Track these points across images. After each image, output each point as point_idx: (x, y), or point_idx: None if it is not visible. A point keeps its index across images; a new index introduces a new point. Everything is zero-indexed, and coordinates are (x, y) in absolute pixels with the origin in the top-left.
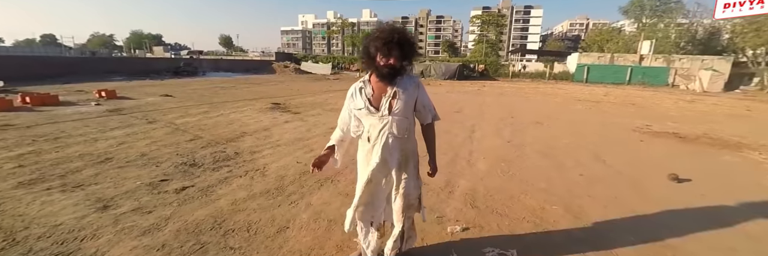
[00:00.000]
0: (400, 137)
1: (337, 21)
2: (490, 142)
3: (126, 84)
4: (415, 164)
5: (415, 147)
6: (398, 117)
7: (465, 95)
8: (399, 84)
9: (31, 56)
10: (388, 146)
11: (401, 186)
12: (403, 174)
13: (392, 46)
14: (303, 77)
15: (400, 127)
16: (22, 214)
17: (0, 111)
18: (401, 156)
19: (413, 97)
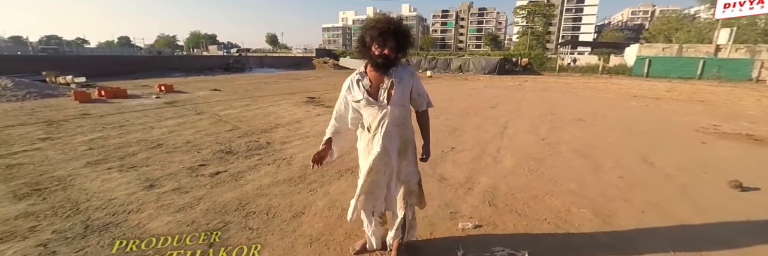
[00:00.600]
0: (398, 124)
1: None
2: (522, 139)
3: (183, 79)
4: (413, 151)
5: (413, 134)
6: (396, 106)
7: (504, 90)
8: (395, 74)
9: (108, 56)
10: (389, 134)
11: (401, 173)
12: (403, 161)
13: (387, 36)
14: (340, 72)
15: (398, 115)
16: (86, 188)
17: (81, 102)
18: (400, 143)
19: (409, 86)
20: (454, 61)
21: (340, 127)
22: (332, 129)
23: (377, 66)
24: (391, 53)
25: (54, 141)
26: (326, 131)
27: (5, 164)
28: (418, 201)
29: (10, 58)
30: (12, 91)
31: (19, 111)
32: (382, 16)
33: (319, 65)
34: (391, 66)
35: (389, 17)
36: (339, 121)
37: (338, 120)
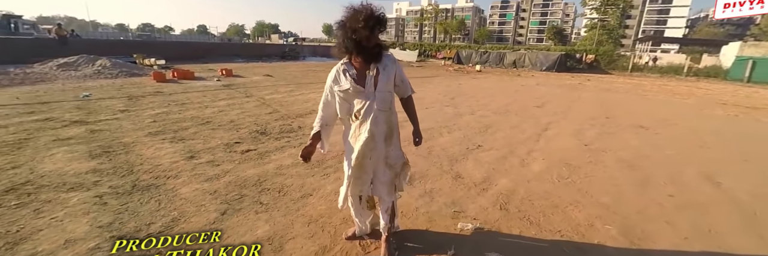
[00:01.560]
0: (384, 110)
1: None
2: (561, 142)
3: (243, 65)
4: (397, 135)
5: (397, 119)
6: (381, 92)
7: (558, 89)
8: (381, 62)
9: (185, 42)
10: (376, 119)
11: (389, 157)
12: (389, 146)
13: (376, 28)
14: None
15: (384, 101)
16: (142, 154)
17: (157, 82)
18: (387, 128)
19: (392, 73)
20: (508, 56)
21: (328, 119)
22: (320, 122)
23: (373, 56)
24: (378, 43)
25: (129, 113)
26: (314, 125)
27: (90, 129)
28: (399, 185)
29: (113, 43)
30: (109, 70)
31: (111, 87)
32: (363, 9)
33: None
34: (381, 54)
35: (368, 10)
36: (326, 113)
37: (325, 112)
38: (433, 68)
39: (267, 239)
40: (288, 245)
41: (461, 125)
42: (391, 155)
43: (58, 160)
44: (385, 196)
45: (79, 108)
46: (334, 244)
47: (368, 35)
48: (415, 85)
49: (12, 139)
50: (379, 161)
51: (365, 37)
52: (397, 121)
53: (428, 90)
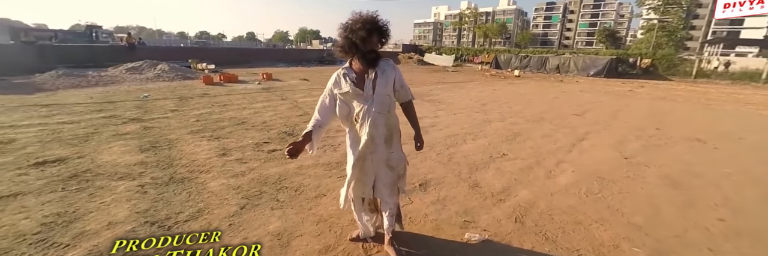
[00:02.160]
0: (383, 112)
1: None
2: (597, 154)
3: (283, 69)
4: (398, 139)
5: (398, 122)
6: (380, 95)
7: (604, 96)
8: (379, 67)
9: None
10: (374, 122)
11: (390, 160)
12: (390, 148)
13: (374, 33)
14: (423, 68)
15: (382, 104)
16: (182, 150)
17: (206, 84)
18: (386, 131)
19: (392, 77)
20: (551, 60)
21: (322, 121)
22: (314, 122)
23: (370, 61)
24: (377, 47)
25: (178, 112)
26: (308, 124)
27: (144, 125)
28: (401, 187)
29: (173, 49)
30: (167, 74)
31: (167, 88)
32: (362, 16)
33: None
34: (378, 59)
35: (371, 16)
36: (321, 115)
37: (321, 113)
38: (468, 73)
39: (277, 234)
40: (295, 242)
41: (488, 132)
42: (392, 158)
43: (114, 152)
44: (387, 197)
45: (138, 107)
46: (338, 244)
47: (364, 37)
48: (445, 91)
49: (82, 132)
50: (380, 163)
51: (361, 39)
52: (398, 124)
53: (459, 95)
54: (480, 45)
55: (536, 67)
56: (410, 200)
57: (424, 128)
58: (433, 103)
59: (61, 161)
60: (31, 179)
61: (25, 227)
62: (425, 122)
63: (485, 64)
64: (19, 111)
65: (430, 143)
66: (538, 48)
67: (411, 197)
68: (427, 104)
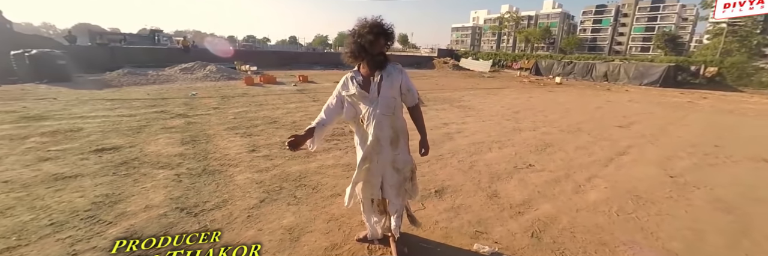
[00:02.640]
0: (388, 114)
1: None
2: (637, 171)
3: (320, 72)
4: (405, 141)
5: (405, 125)
6: (385, 98)
7: (656, 107)
8: (385, 70)
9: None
10: (380, 124)
11: (396, 161)
12: (396, 150)
13: (381, 37)
14: (458, 73)
15: (387, 106)
16: (217, 144)
17: (247, 85)
18: (392, 133)
19: (398, 80)
20: (598, 67)
21: (326, 120)
22: (318, 120)
23: (377, 64)
24: (385, 50)
25: (219, 110)
26: (313, 121)
27: (188, 121)
28: (411, 191)
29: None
30: (214, 74)
31: (212, 88)
32: (368, 21)
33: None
34: (386, 62)
35: (376, 20)
36: (326, 115)
37: (327, 113)
38: (505, 79)
39: (289, 228)
40: (304, 238)
41: (517, 142)
42: (398, 160)
43: (159, 143)
44: (393, 198)
45: (186, 104)
46: (345, 243)
47: (372, 41)
48: (477, 97)
49: (136, 125)
50: (386, 165)
51: (368, 42)
52: (405, 127)
53: (491, 102)
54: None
55: (581, 74)
56: (423, 205)
57: (449, 135)
58: (462, 109)
59: (115, 149)
60: (90, 163)
61: (79, 204)
62: (451, 128)
63: (524, 71)
64: (89, 104)
65: (452, 149)
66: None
67: (424, 202)
68: (457, 110)
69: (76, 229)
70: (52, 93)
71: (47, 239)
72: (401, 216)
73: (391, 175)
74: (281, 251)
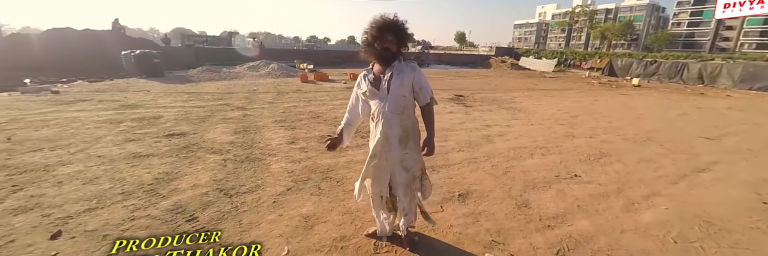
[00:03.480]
0: (397, 113)
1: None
2: (716, 192)
3: None
4: (415, 140)
5: (415, 123)
6: (395, 96)
7: (764, 117)
8: (396, 68)
9: (333, 50)
10: (388, 121)
11: (405, 160)
12: (404, 149)
13: (386, 32)
14: (516, 73)
15: (397, 104)
16: (263, 135)
17: (302, 82)
18: (402, 131)
19: (409, 78)
20: (691, 67)
21: (351, 119)
22: (345, 120)
23: (381, 58)
24: (392, 46)
25: (272, 104)
26: (341, 122)
27: (244, 113)
28: (423, 190)
29: (285, 51)
30: (275, 71)
31: (271, 84)
32: (379, 18)
33: (496, 64)
34: (393, 59)
35: (386, 16)
36: (350, 114)
37: (350, 112)
38: (570, 80)
39: (306, 217)
40: (317, 227)
41: (566, 149)
42: (407, 159)
43: (217, 132)
44: (402, 197)
45: (246, 98)
46: (353, 237)
47: (375, 35)
48: (532, 98)
49: (202, 115)
50: (395, 163)
51: (372, 36)
52: (415, 126)
53: (547, 105)
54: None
55: (668, 75)
56: (442, 208)
57: (488, 137)
58: (510, 111)
59: (182, 135)
60: (161, 145)
61: (145, 178)
62: (493, 131)
63: (595, 71)
64: (171, 96)
65: (489, 153)
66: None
67: (444, 205)
68: (504, 112)
69: (138, 199)
70: (147, 86)
71: (116, 204)
72: (411, 215)
73: (400, 173)
74: (294, 237)
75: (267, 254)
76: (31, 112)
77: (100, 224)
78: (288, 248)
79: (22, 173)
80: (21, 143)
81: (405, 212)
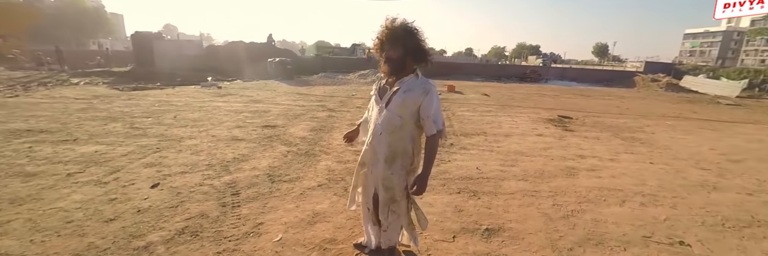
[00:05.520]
0: (389, 131)
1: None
2: None
3: (475, 83)
4: (402, 165)
5: (407, 148)
6: (391, 113)
7: None
8: (406, 83)
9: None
10: (377, 136)
11: (386, 179)
12: (389, 169)
13: (392, 40)
14: (669, 96)
15: (389, 123)
16: (331, 135)
17: None
18: (389, 152)
19: (415, 101)
20: None
21: (368, 116)
22: (365, 116)
23: (390, 69)
24: (397, 56)
25: (359, 109)
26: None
27: (330, 114)
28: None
29: None
30: None
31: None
32: (389, 22)
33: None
34: (400, 70)
35: (394, 22)
36: (369, 111)
37: (369, 111)
38: (760, 111)
39: (316, 213)
40: (318, 225)
41: (687, 203)
42: (390, 178)
43: (299, 128)
44: (380, 214)
45: (341, 102)
46: (343, 242)
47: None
48: (674, 130)
49: (298, 113)
50: (378, 180)
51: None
52: (406, 150)
53: (697, 140)
54: None
55: None
56: (453, 238)
57: (572, 170)
58: (627, 143)
59: (273, 127)
60: (255, 133)
61: (227, 156)
62: (584, 163)
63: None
64: (287, 95)
65: (558, 188)
66: None
67: (458, 235)
68: (616, 142)
69: (214, 171)
70: (277, 87)
71: (198, 172)
72: (391, 233)
73: (380, 191)
74: (293, 228)
75: (264, 236)
76: (197, 100)
77: (181, 184)
78: (282, 236)
79: (166, 141)
80: (179, 121)
81: (384, 228)
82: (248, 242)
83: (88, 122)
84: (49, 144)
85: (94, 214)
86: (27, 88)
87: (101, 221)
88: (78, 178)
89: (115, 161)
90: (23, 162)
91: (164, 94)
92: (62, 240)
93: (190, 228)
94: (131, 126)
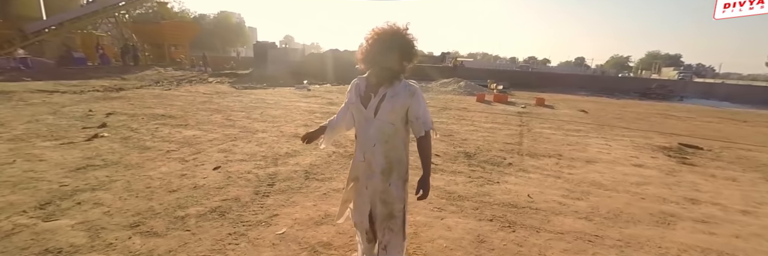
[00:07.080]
0: (383, 141)
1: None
2: None
3: (576, 98)
4: (400, 175)
5: (402, 156)
6: (381, 122)
7: None
8: (391, 88)
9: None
10: (371, 148)
11: (384, 192)
12: (387, 182)
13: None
14: None
15: (381, 132)
16: None
17: (477, 101)
18: (385, 162)
19: (403, 105)
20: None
21: (336, 121)
22: (330, 119)
23: (381, 78)
24: (395, 65)
25: None
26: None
27: None
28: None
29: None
30: (460, 89)
31: (448, 100)
32: (385, 27)
33: None
34: (393, 78)
35: (393, 28)
36: (338, 116)
37: (338, 114)
38: None
39: (326, 214)
40: (323, 227)
41: None
42: (389, 192)
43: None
44: (379, 230)
45: None
46: (335, 249)
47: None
48: None
49: None
50: (375, 194)
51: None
52: (402, 158)
53: None
54: None
55: None
56: None
57: (670, 218)
58: None
59: None
60: None
61: (281, 151)
62: (694, 211)
63: None
64: None
65: (640, 238)
66: None
67: None
68: (763, 187)
69: (265, 162)
70: None
71: (252, 162)
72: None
73: (378, 206)
74: (300, 225)
75: (272, 227)
76: (286, 100)
77: (235, 170)
78: (286, 230)
79: (244, 132)
80: (263, 116)
81: (382, 245)
82: (257, 230)
83: (201, 112)
84: (169, 127)
85: (166, 184)
86: (179, 84)
87: (166, 191)
88: (172, 155)
89: (202, 144)
90: (147, 138)
91: (264, 93)
92: (136, 201)
93: (221, 208)
94: (227, 118)
